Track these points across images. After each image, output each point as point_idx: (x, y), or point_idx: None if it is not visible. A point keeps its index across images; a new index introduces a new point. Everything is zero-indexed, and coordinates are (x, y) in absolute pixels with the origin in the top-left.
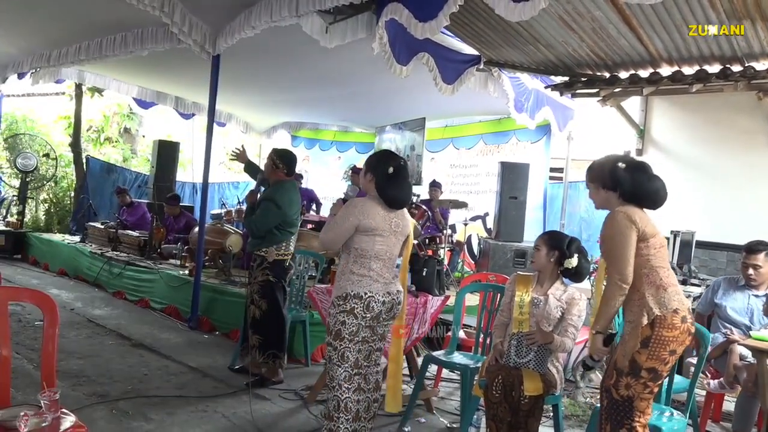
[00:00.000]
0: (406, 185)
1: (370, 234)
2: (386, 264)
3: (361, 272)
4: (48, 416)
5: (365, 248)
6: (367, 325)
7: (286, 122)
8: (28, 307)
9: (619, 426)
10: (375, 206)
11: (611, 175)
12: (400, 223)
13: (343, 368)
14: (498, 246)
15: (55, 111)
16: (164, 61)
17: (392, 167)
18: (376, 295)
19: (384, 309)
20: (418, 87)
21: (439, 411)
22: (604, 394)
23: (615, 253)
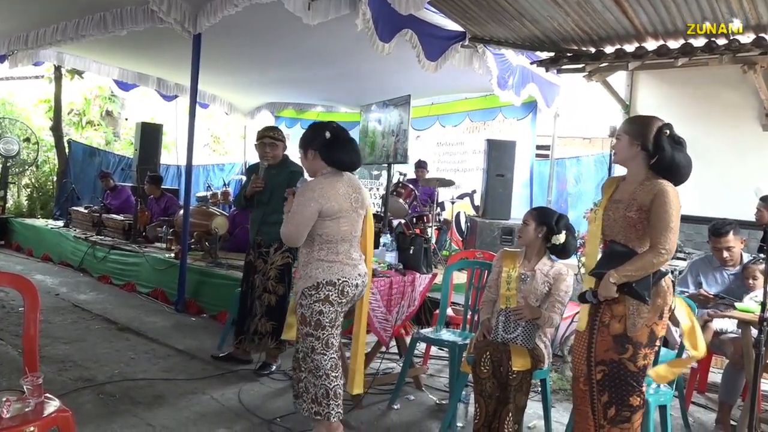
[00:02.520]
0: (350, 145)
1: (334, 218)
2: (353, 244)
3: (330, 258)
4: (31, 401)
5: (330, 233)
6: (342, 311)
7: (269, 103)
8: (11, 293)
9: (628, 394)
10: (332, 185)
11: (656, 138)
12: (359, 198)
13: (329, 356)
14: (485, 224)
15: (35, 94)
16: (145, 41)
17: (328, 132)
18: (349, 279)
19: (356, 293)
20: (403, 64)
21: (428, 388)
22: (605, 367)
23: (669, 226)
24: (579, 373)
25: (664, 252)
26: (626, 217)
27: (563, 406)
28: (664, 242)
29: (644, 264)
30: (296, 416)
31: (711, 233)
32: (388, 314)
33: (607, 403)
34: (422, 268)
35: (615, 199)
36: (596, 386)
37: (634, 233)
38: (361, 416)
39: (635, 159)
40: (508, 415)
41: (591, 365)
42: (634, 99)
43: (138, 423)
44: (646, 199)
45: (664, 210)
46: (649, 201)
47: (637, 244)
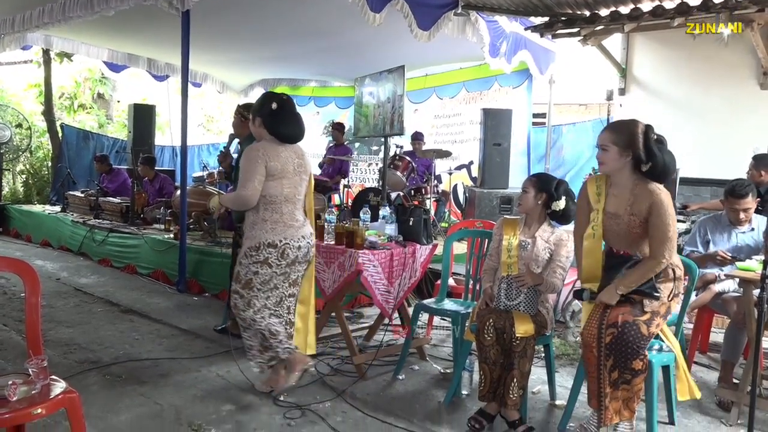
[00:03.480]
0: (295, 118)
1: (277, 178)
2: (297, 206)
3: (274, 218)
4: (37, 383)
5: (274, 193)
6: (281, 273)
7: (263, 80)
8: (12, 279)
9: (632, 358)
10: (274, 147)
11: (645, 145)
12: (301, 163)
13: (250, 312)
14: (483, 194)
15: (25, 79)
16: (133, 21)
17: (275, 103)
18: (291, 241)
19: (300, 253)
20: (396, 35)
21: (432, 358)
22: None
23: (668, 236)
24: (591, 339)
25: (664, 261)
26: (630, 231)
27: (567, 371)
28: (664, 251)
29: (646, 273)
30: (302, 389)
31: (730, 194)
32: (389, 286)
33: (611, 367)
34: (422, 240)
35: (611, 213)
36: (603, 350)
37: (637, 241)
38: (367, 387)
39: (624, 168)
40: (512, 381)
41: (602, 329)
42: (630, 62)
43: (145, 402)
44: (643, 209)
45: (662, 221)
46: (646, 210)
47: (639, 250)
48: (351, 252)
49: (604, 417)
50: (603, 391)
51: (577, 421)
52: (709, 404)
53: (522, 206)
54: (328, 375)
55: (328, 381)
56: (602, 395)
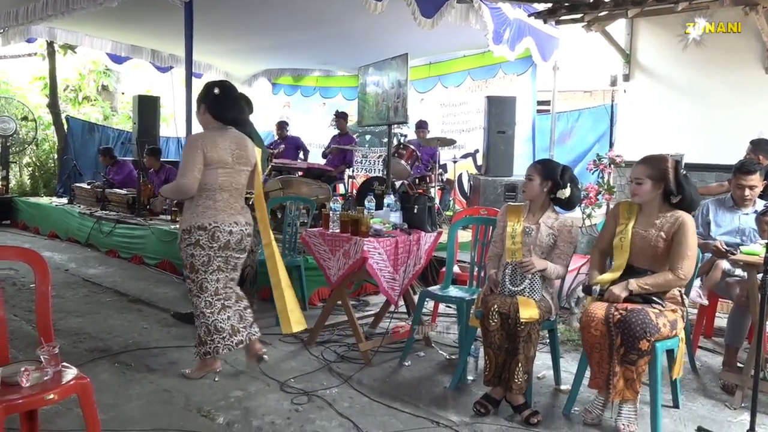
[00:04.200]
0: (236, 102)
1: (213, 167)
2: (233, 194)
3: (207, 204)
4: (49, 370)
5: (209, 181)
6: (217, 255)
7: (266, 70)
8: (21, 270)
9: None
10: (213, 138)
11: (676, 180)
12: (243, 154)
13: (203, 298)
14: (488, 181)
15: (29, 72)
16: (136, 12)
17: (217, 88)
18: (221, 225)
19: (233, 239)
20: (399, 23)
21: (437, 344)
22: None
23: (689, 254)
24: (590, 320)
25: (683, 277)
26: (655, 248)
27: (572, 356)
28: (684, 267)
29: (662, 283)
30: (309, 376)
31: (738, 170)
32: (395, 273)
33: (619, 346)
34: (427, 227)
35: (639, 230)
36: (613, 329)
37: (660, 260)
38: (373, 374)
39: (654, 200)
40: (517, 365)
41: (611, 309)
42: (634, 48)
43: (155, 389)
44: (670, 230)
45: (686, 241)
46: (673, 230)
47: (659, 268)
48: (356, 240)
49: (613, 394)
50: (613, 370)
51: (581, 404)
52: (714, 388)
53: (527, 193)
54: (335, 362)
55: (334, 368)
56: (611, 374)
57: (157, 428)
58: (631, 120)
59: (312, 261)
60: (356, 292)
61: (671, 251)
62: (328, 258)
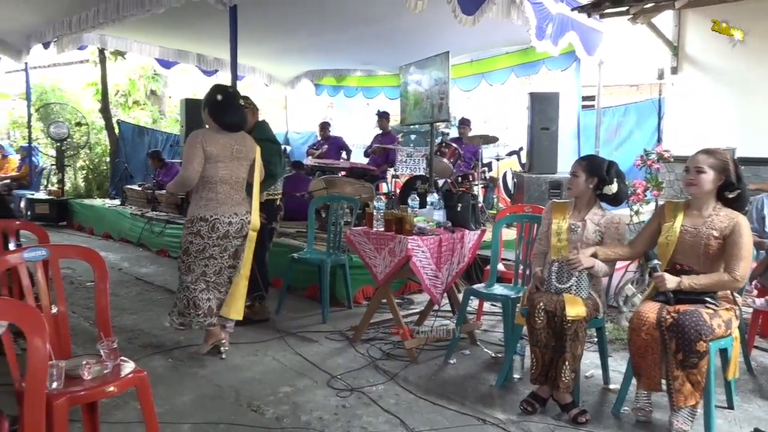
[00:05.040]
0: (236, 109)
1: (212, 161)
2: (233, 187)
3: (209, 197)
4: (108, 363)
5: (210, 175)
6: (215, 244)
7: (308, 71)
8: (78, 269)
9: (697, 338)
10: (213, 135)
11: (736, 173)
12: (242, 149)
13: (190, 277)
14: (532, 179)
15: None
16: (182, 17)
17: (220, 94)
18: (221, 216)
19: (232, 229)
20: (439, 21)
21: (483, 343)
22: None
23: (745, 255)
24: (641, 323)
25: (739, 279)
26: (706, 246)
27: (620, 356)
28: (740, 269)
29: (717, 283)
30: (355, 373)
31: None
32: (438, 272)
33: (675, 351)
34: (471, 225)
35: (688, 228)
36: (666, 333)
37: (710, 260)
38: (419, 371)
39: (712, 194)
40: (564, 364)
41: (663, 312)
42: (682, 40)
43: (206, 384)
44: (725, 229)
45: (743, 242)
46: (729, 231)
47: (709, 269)
48: (400, 238)
49: (676, 400)
50: (671, 374)
51: (631, 404)
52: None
53: (572, 190)
54: (381, 359)
55: (380, 365)
56: (670, 378)
57: (209, 421)
58: (679, 114)
59: (356, 260)
60: (400, 290)
61: (726, 253)
62: (373, 256)
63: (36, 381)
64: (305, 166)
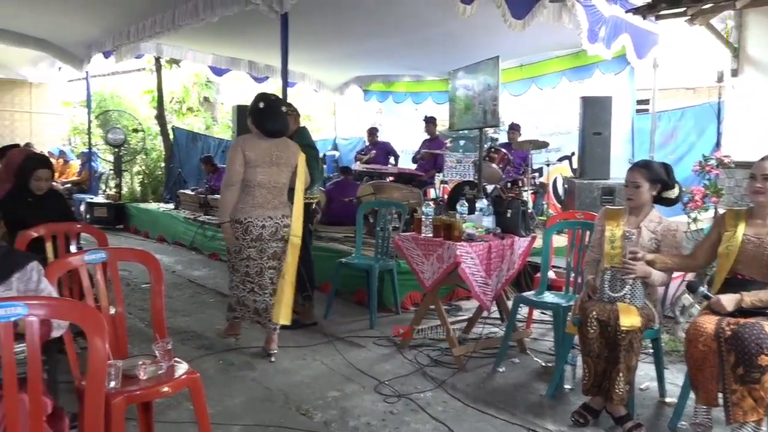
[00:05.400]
0: (278, 116)
1: (252, 166)
2: (271, 191)
3: (245, 200)
4: (163, 364)
5: (249, 179)
6: (250, 246)
7: (357, 77)
8: (134, 272)
9: (758, 352)
10: (255, 141)
11: None
12: (282, 155)
13: (237, 276)
14: (583, 185)
15: (139, 86)
16: (235, 26)
17: (262, 102)
18: (255, 219)
19: (265, 232)
20: (488, 26)
21: (532, 351)
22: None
23: None
24: (698, 334)
25: None
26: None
27: (677, 368)
28: None
29: None
30: (403, 379)
31: None
32: (487, 278)
33: (734, 364)
34: (521, 231)
35: (750, 237)
36: (724, 345)
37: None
38: (467, 379)
39: None
40: (618, 375)
41: (722, 324)
42: (743, 41)
43: (256, 386)
44: None
45: None
46: None
47: None
48: (449, 244)
49: (733, 414)
50: (728, 387)
51: (689, 419)
52: None
53: (634, 201)
54: (428, 366)
55: (428, 372)
56: (728, 392)
57: (259, 423)
58: (740, 118)
59: (404, 265)
60: (448, 296)
61: None
62: (421, 262)
63: (96, 380)
64: (353, 171)
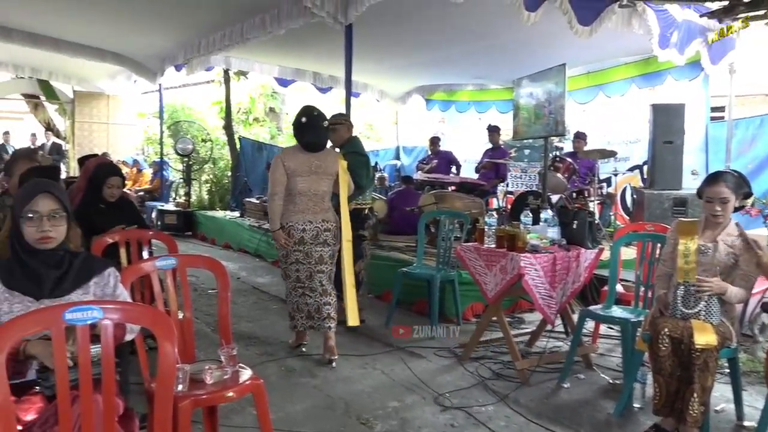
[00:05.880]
0: (318, 130)
1: (293, 176)
2: (312, 199)
3: (288, 207)
4: (228, 369)
5: (291, 187)
6: (295, 250)
7: (420, 86)
8: (201, 277)
9: None
10: (296, 152)
11: None
12: (321, 165)
13: (290, 282)
14: (653, 195)
15: (208, 98)
16: (300, 37)
17: (305, 117)
18: (295, 224)
19: (306, 235)
20: (553, 33)
21: (599, 367)
22: None
23: None
24: None
25: None
26: None
27: (756, 390)
28: None
29: None
30: (464, 392)
31: None
32: (551, 291)
33: None
34: (587, 243)
35: None
36: None
37: None
38: (530, 393)
39: None
40: (692, 395)
41: None
42: None
43: (317, 394)
44: None
45: None
46: None
47: None
48: (512, 255)
49: None
50: None
51: None
52: None
53: (723, 216)
54: (490, 379)
55: (490, 385)
56: None
57: (320, 431)
58: None
59: (466, 276)
60: (511, 308)
61: None
62: (484, 273)
63: (165, 383)
64: (415, 180)
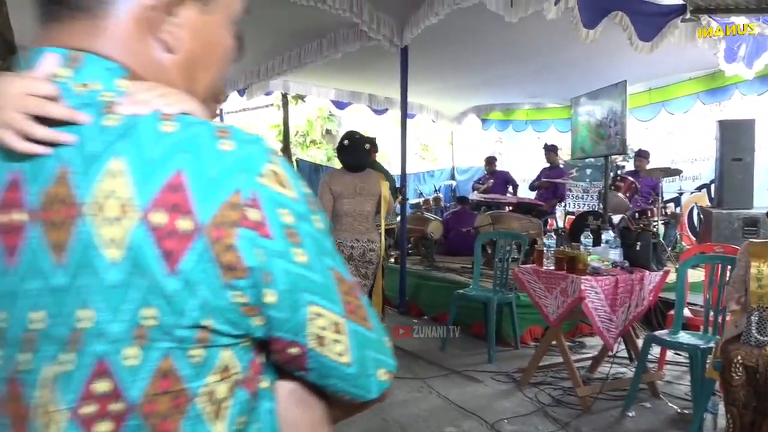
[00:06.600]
0: (358, 153)
1: (339, 198)
2: (356, 219)
3: (336, 227)
4: None
5: (338, 208)
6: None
7: (475, 106)
8: None
9: None
10: (340, 175)
11: None
12: (365, 186)
13: None
14: (722, 215)
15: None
16: (356, 61)
17: (347, 140)
18: (344, 241)
19: (355, 252)
20: (612, 50)
21: (666, 396)
22: None
23: None
24: None
25: None
26: None
27: None
28: None
29: None
30: (523, 418)
31: None
32: (612, 315)
33: None
34: (651, 266)
35: None
36: None
37: None
38: (593, 422)
39: None
40: None
41: None
42: None
43: (373, 417)
44: None
45: None
46: None
47: None
48: (573, 278)
49: None
50: None
51: None
52: None
53: None
54: (550, 405)
55: (550, 412)
56: None
57: None
58: None
59: (524, 298)
60: (571, 332)
61: None
62: (544, 296)
63: None
64: (471, 201)
